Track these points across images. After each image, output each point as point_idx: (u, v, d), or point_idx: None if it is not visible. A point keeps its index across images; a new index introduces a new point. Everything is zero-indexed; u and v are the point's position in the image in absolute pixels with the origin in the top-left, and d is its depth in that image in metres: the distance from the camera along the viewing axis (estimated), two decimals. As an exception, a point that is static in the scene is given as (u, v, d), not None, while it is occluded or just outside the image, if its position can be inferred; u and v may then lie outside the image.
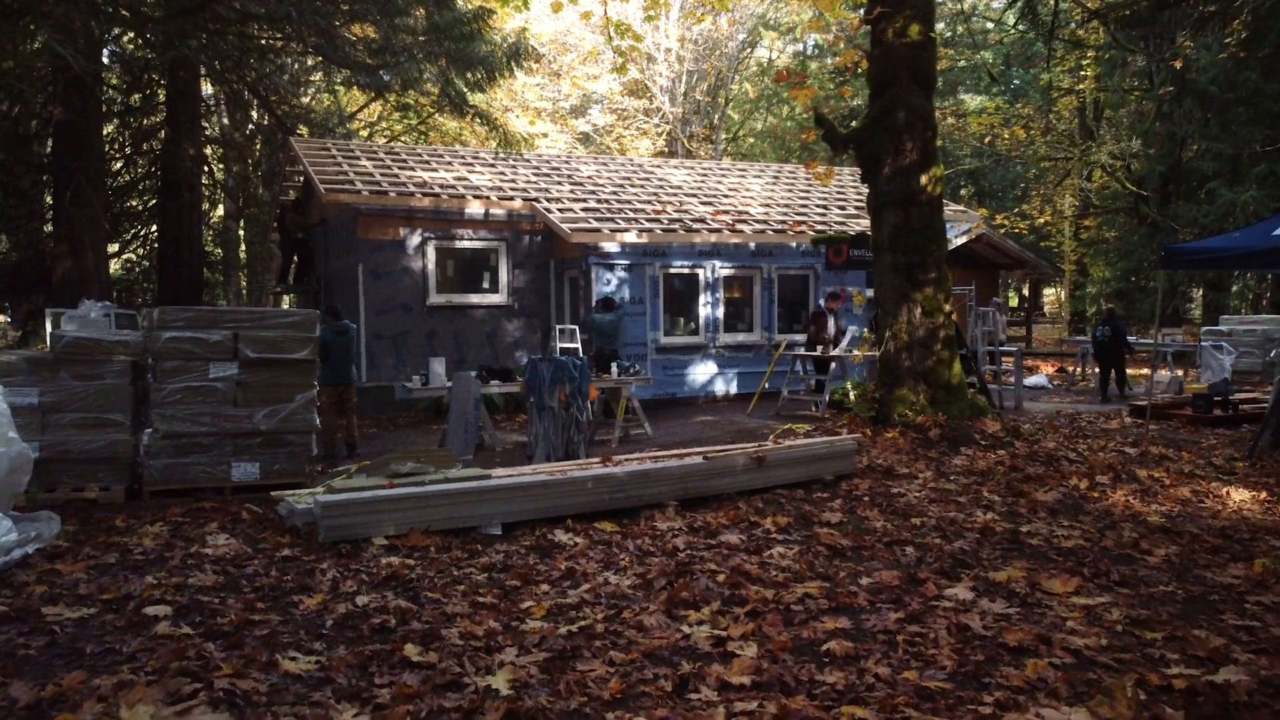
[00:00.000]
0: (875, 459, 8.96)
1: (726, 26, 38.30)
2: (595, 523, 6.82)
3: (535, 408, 8.93)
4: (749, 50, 41.11)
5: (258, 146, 24.52)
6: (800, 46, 39.47)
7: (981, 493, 7.85)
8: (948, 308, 10.14)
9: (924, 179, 9.96)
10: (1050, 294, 50.99)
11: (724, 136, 40.77)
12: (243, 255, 30.31)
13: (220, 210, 30.12)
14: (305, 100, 26.08)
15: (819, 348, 12.82)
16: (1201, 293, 27.97)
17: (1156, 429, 11.46)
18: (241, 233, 29.50)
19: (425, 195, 14.25)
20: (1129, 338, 15.45)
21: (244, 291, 28.69)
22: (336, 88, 25.93)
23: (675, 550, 6.11)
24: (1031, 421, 11.91)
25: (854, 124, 11.66)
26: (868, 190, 10.50)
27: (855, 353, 12.09)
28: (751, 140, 43.01)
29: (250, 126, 25.41)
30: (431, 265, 14.35)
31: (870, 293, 12.40)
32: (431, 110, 28.43)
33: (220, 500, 7.28)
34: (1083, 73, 30.07)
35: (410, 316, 14.23)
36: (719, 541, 6.31)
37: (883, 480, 8.33)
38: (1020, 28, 28.48)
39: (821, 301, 13.88)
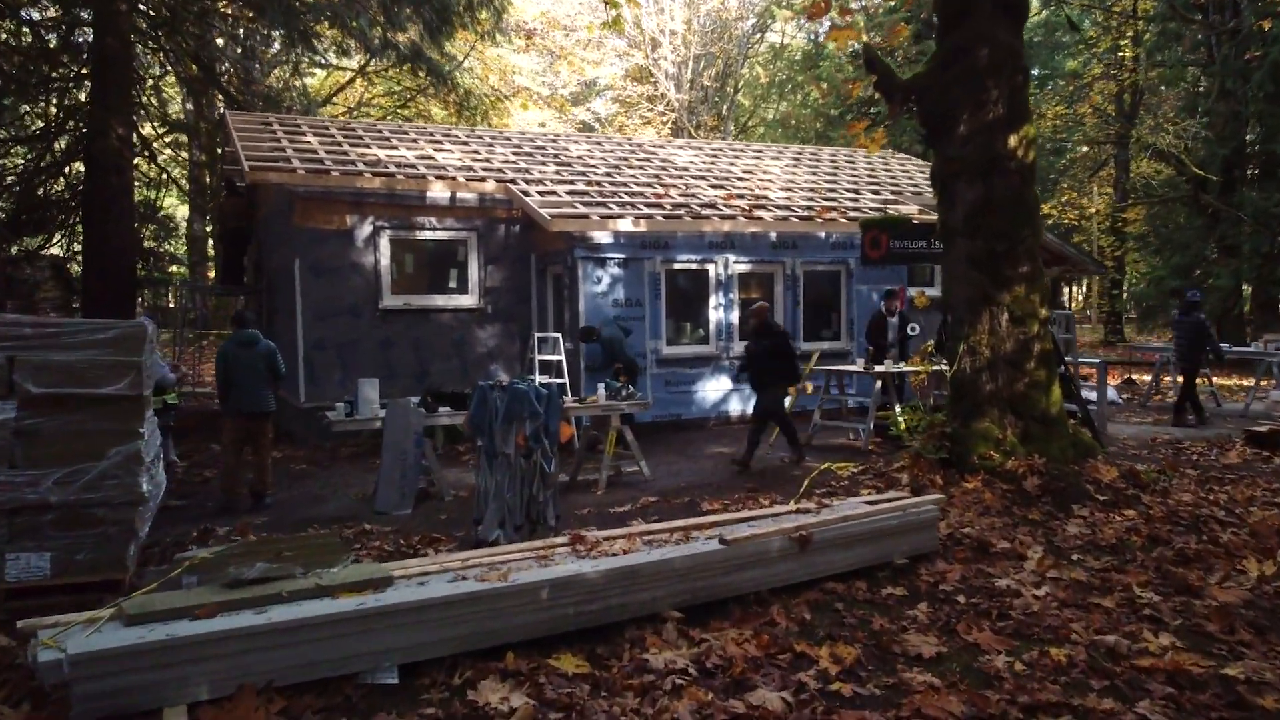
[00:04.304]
0: (958, 525, 6.44)
1: (735, 7, 35.79)
2: (551, 655, 4.33)
3: (484, 454, 6.42)
4: (760, 35, 38.53)
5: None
6: (817, 27, 36.85)
7: (1130, 586, 5.35)
8: (1044, 313, 7.58)
9: (1013, 140, 7.40)
10: (1075, 293, 48.13)
11: (733, 126, 38.19)
12: (210, 252, 27.98)
13: (186, 210, 27.80)
14: (274, 84, 23.67)
15: (881, 363, 10.23)
16: (1249, 290, 25.26)
17: (1292, 465, 8.94)
18: (209, 229, 27.17)
19: (377, 175, 11.75)
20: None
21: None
22: (304, 70, 23.50)
23: (676, 728, 3.62)
24: (1133, 454, 9.37)
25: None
26: (934, 157, 7.96)
27: (909, 368, 9.53)
28: (763, 129, 40.38)
29: (218, 114, 23.06)
30: (386, 260, 11.85)
31: (933, 292, 9.80)
32: (415, 90, 26.04)
33: (-23, 616, 4.79)
34: (1120, 54, 27.44)
35: (360, 322, 11.74)
36: (747, 706, 3.82)
37: (976, 563, 5.80)
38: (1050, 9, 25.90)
39: (881, 304, 11.31)
